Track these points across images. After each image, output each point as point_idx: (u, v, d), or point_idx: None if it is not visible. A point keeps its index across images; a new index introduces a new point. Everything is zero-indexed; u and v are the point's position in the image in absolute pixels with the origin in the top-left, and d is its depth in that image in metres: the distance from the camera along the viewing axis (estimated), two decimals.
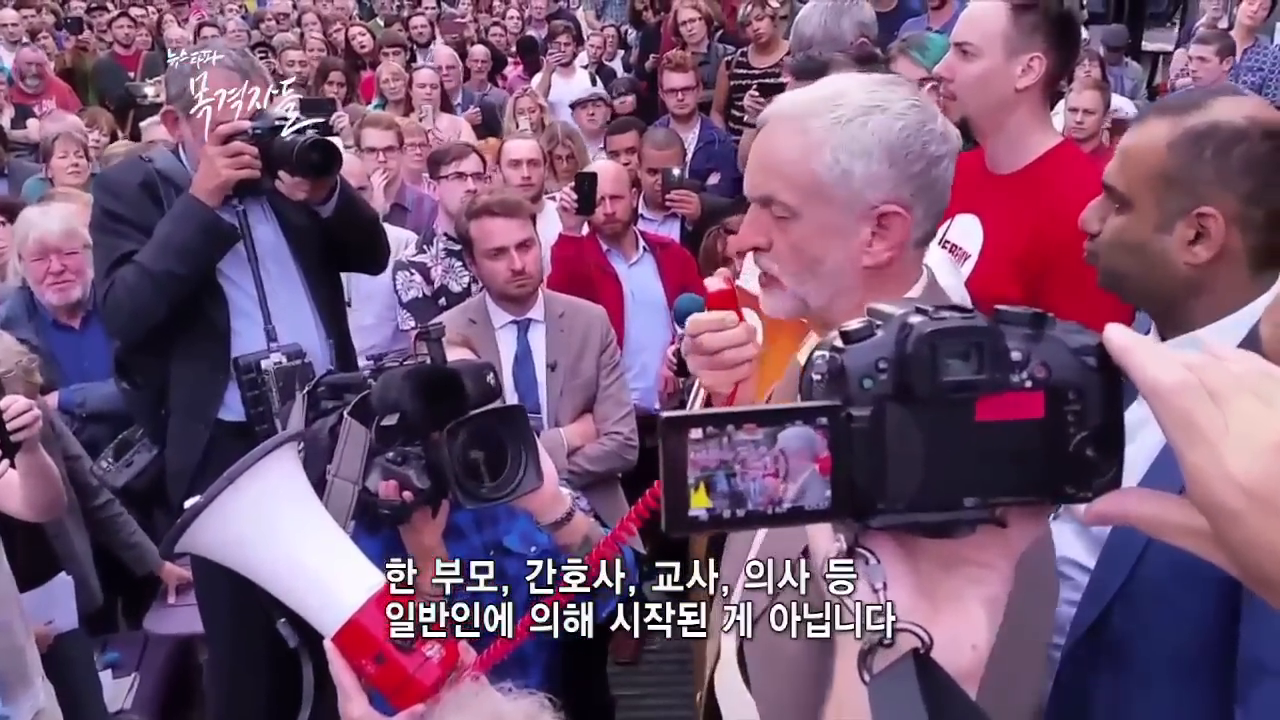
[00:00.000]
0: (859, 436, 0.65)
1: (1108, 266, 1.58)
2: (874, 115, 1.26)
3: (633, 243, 3.79)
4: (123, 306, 2.48)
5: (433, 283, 3.62)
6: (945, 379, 0.64)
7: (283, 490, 1.40)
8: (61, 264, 3.23)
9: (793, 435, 0.65)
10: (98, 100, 7.30)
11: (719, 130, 5.28)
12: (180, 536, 1.34)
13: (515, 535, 2.01)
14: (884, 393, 0.65)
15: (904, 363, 0.65)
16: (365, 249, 2.80)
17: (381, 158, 4.15)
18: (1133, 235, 1.52)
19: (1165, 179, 1.48)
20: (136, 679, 3.09)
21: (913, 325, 0.65)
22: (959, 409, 0.65)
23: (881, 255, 1.27)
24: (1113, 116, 4.93)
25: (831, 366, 0.66)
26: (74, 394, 3.19)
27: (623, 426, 3.09)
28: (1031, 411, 0.66)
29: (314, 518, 1.43)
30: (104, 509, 3.01)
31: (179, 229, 2.46)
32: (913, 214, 1.26)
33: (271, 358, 2.27)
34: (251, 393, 2.06)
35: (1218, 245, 1.46)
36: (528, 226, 3.03)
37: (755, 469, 0.65)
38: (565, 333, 3.07)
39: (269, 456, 1.38)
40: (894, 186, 1.26)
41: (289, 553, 1.38)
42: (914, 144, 1.25)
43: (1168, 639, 1.44)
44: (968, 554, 0.69)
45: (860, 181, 1.26)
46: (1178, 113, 1.51)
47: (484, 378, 1.74)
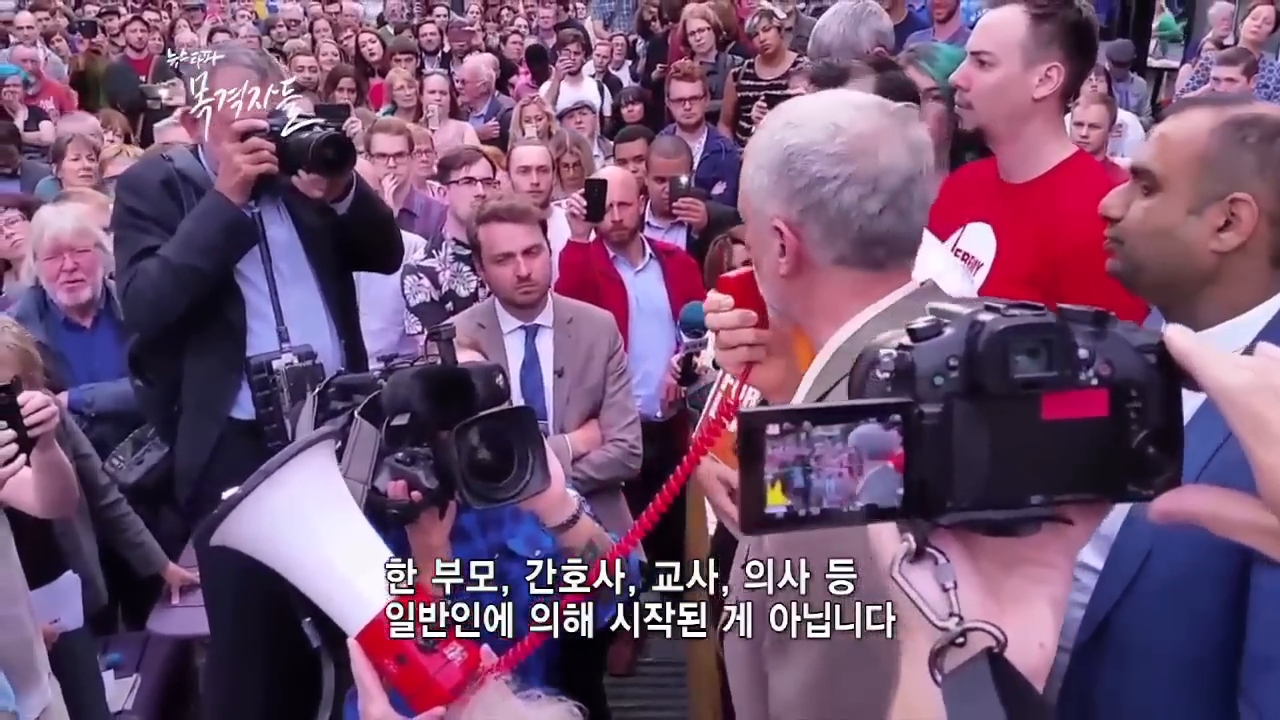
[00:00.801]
0: (930, 434, 0.65)
1: (1129, 252, 1.55)
2: (786, 131, 1.31)
3: (639, 250, 3.82)
4: (144, 298, 2.50)
5: (440, 287, 3.64)
6: (1016, 376, 0.65)
7: (316, 487, 1.42)
8: (74, 262, 3.24)
9: (866, 432, 0.65)
10: (109, 103, 7.34)
11: (725, 140, 5.32)
12: (217, 527, 1.36)
13: (520, 539, 2.02)
14: (954, 390, 0.65)
15: (975, 360, 0.65)
16: (380, 246, 2.82)
17: (392, 163, 4.18)
18: (1161, 217, 1.50)
19: (1204, 161, 1.47)
20: (137, 680, 3.11)
21: (984, 323, 0.66)
22: (1026, 406, 0.65)
23: (785, 268, 1.32)
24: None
25: (900, 364, 0.67)
26: (83, 393, 3.21)
27: (628, 434, 3.10)
28: (1096, 409, 0.66)
29: (345, 516, 1.45)
30: (111, 508, 3.02)
31: (202, 225, 2.49)
32: (804, 232, 1.30)
33: (283, 358, 2.29)
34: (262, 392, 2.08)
35: (1246, 234, 1.45)
36: (535, 233, 3.04)
37: (831, 466, 0.65)
38: (573, 339, 3.09)
39: (305, 453, 1.40)
40: (780, 204, 1.30)
41: (318, 549, 1.39)
42: (796, 162, 1.28)
43: (1175, 638, 1.44)
44: (1027, 553, 0.69)
45: (759, 195, 1.33)
46: (1220, 104, 1.51)
47: (493, 379, 1.76)
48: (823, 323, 1.35)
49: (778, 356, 1.45)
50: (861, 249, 1.30)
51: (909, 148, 1.31)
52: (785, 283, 1.34)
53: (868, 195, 1.28)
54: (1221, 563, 1.38)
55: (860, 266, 1.31)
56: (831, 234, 1.29)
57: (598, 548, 1.88)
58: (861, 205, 1.28)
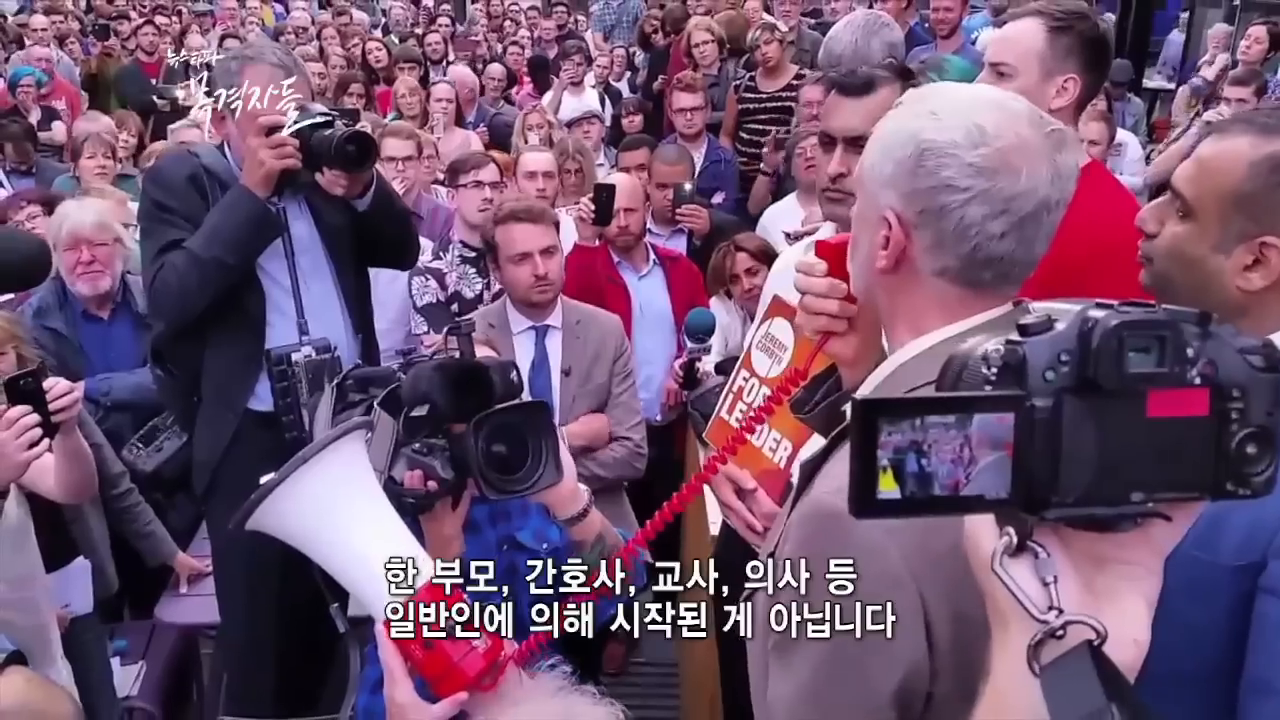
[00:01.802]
0: (1040, 428, 0.66)
1: (1160, 274, 1.52)
2: (924, 121, 1.20)
3: (643, 256, 3.88)
4: (170, 290, 2.56)
5: (447, 288, 3.71)
6: (1130, 371, 0.65)
7: (348, 476, 1.46)
8: (91, 254, 3.29)
9: (980, 422, 0.66)
10: (119, 105, 7.42)
11: (726, 150, 5.38)
12: (253, 512, 1.40)
13: (529, 531, 2.06)
14: (1065, 385, 0.66)
15: (1089, 355, 0.66)
16: (398, 242, 2.88)
17: (400, 167, 4.24)
18: (1190, 247, 1.47)
19: (1236, 200, 1.43)
20: (143, 667, 3.15)
21: (1097, 319, 0.66)
22: (1133, 403, 0.66)
23: (884, 262, 1.23)
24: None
25: (1011, 358, 0.67)
26: (100, 383, 3.26)
27: (634, 434, 3.15)
28: (1198, 408, 0.67)
29: (375, 504, 1.48)
30: (122, 498, 3.07)
31: (228, 218, 2.54)
32: (915, 234, 1.20)
33: (302, 350, 2.35)
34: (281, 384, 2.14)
35: (1273, 276, 1.42)
36: (552, 233, 3.10)
37: (944, 453, 0.66)
38: (581, 340, 3.15)
39: (339, 442, 1.45)
40: (899, 196, 1.21)
41: (348, 536, 1.43)
42: (929, 160, 1.18)
43: (1176, 655, 1.40)
44: (1118, 551, 0.69)
45: (877, 179, 1.23)
46: (1266, 133, 1.44)
47: (509, 374, 1.82)
48: (902, 326, 1.27)
49: (859, 332, 1.37)
50: (970, 268, 1.20)
51: (1055, 174, 1.19)
52: (877, 275, 1.25)
53: (995, 216, 1.17)
54: (1222, 588, 1.40)
55: (961, 284, 1.21)
56: (943, 245, 1.19)
57: (606, 541, 1.93)
58: (985, 224, 1.17)
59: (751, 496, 1.98)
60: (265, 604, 2.65)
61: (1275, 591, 1.36)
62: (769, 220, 4.25)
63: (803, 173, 4.13)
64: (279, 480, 1.41)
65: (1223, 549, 1.38)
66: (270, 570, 2.53)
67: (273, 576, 2.56)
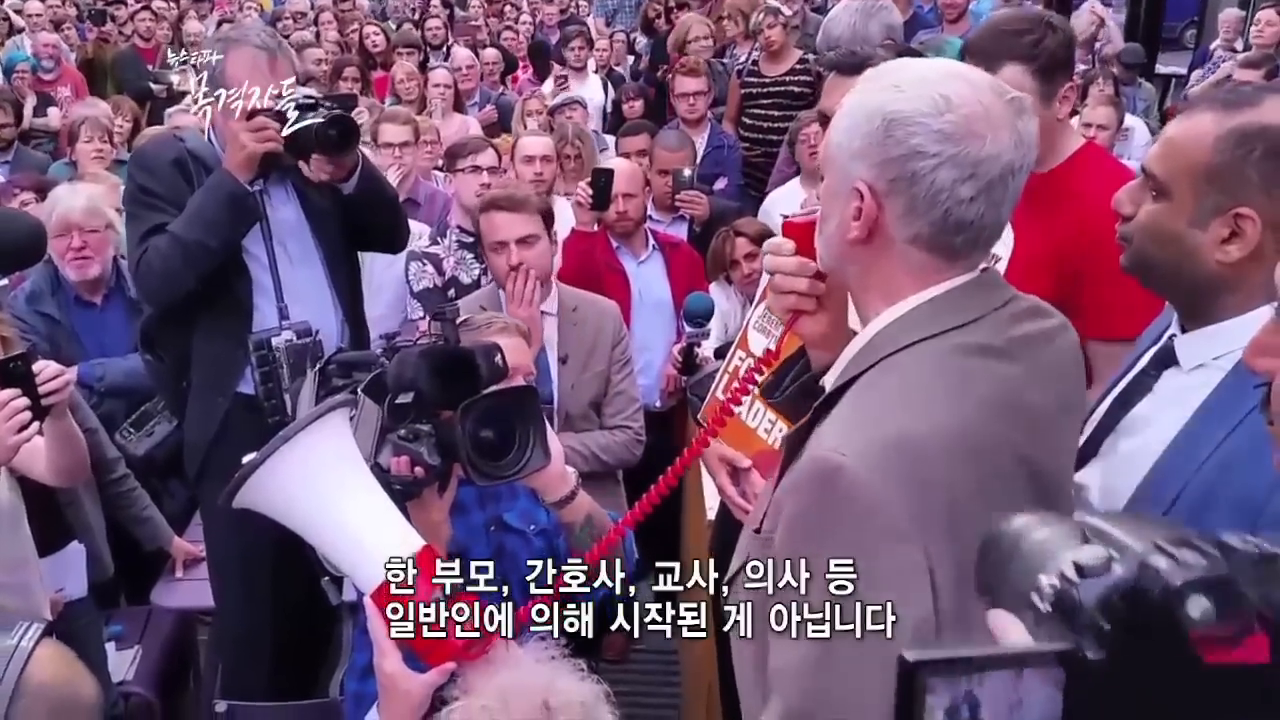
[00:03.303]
0: (1091, 677, 0.65)
1: (1138, 252, 1.55)
2: (890, 94, 1.24)
3: (643, 241, 3.85)
4: (154, 271, 2.55)
5: (444, 274, 3.68)
6: (1187, 626, 0.64)
7: (333, 452, 1.47)
8: (82, 240, 3.28)
9: (1031, 676, 0.65)
10: (115, 91, 7.39)
11: (728, 136, 5.34)
12: (240, 489, 1.41)
13: (516, 512, 2.07)
14: (1119, 633, 0.65)
15: (1144, 606, 0.65)
16: (386, 226, 2.86)
17: (398, 152, 4.22)
18: (1166, 226, 1.49)
19: (1207, 174, 1.45)
20: (139, 652, 3.14)
21: (1158, 570, 0.65)
22: (1190, 653, 0.65)
23: (856, 233, 1.26)
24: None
25: (1065, 598, 0.66)
26: (93, 368, 3.25)
27: (633, 421, 3.12)
28: (1258, 655, 0.66)
29: (360, 480, 1.49)
30: (119, 483, 3.06)
31: (209, 201, 2.54)
32: (887, 203, 1.24)
33: (282, 335, 2.33)
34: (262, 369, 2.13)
35: (1251, 247, 1.44)
36: (534, 222, 3.05)
37: (996, 706, 0.65)
38: (578, 326, 3.12)
39: (323, 419, 1.46)
40: (869, 168, 1.24)
41: (334, 511, 1.45)
42: (897, 130, 1.21)
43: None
44: None
45: (846, 153, 1.27)
46: (1228, 108, 1.47)
47: (493, 358, 1.81)
48: (875, 296, 1.30)
49: (828, 311, 1.40)
50: (941, 233, 1.24)
51: (1017, 139, 1.23)
52: (850, 247, 1.28)
53: (964, 180, 1.21)
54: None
55: (932, 250, 1.26)
56: (915, 211, 1.23)
57: (595, 523, 1.93)
58: (955, 189, 1.21)
59: (746, 477, 2.00)
60: (259, 587, 2.64)
61: None
62: (771, 204, 4.24)
63: (806, 158, 4.11)
64: (264, 457, 1.42)
65: (1214, 521, 1.38)
66: (264, 553, 2.53)
67: (266, 559, 2.56)
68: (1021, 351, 1.29)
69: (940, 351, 1.25)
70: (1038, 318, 1.36)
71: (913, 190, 1.23)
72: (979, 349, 1.26)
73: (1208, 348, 1.51)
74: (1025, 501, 1.24)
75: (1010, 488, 1.24)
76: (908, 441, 1.18)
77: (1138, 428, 1.57)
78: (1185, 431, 1.49)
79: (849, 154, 1.26)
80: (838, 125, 1.29)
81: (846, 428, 1.22)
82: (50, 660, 1.44)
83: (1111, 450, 1.60)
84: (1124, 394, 1.64)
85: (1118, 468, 1.57)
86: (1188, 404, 1.50)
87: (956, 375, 1.24)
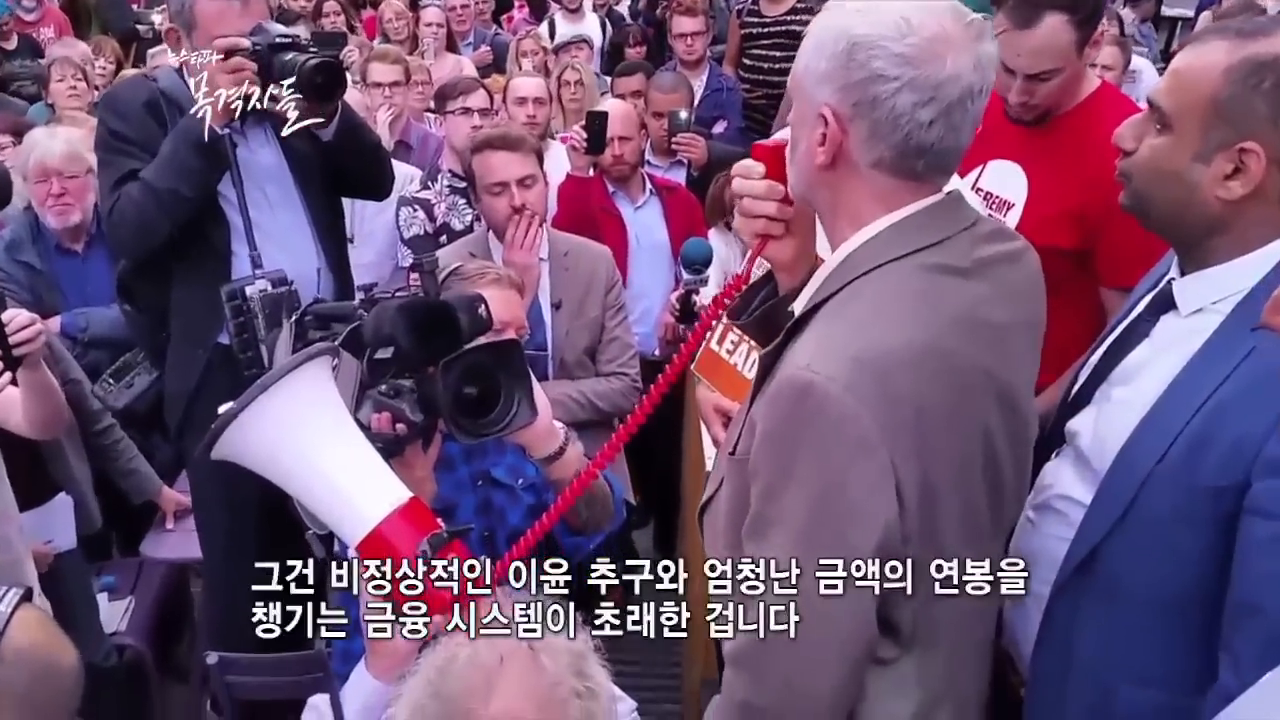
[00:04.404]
0: None
1: (1138, 190, 1.53)
2: (853, 18, 1.26)
3: (639, 186, 3.76)
4: (128, 221, 2.48)
5: (435, 220, 3.61)
6: None
7: (314, 401, 1.44)
8: (62, 187, 3.21)
9: None
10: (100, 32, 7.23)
11: (728, 78, 5.22)
12: (217, 440, 1.38)
13: (503, 467, 2.03)
14: None
15: None
16: (368, 174, 2.77)
17: (388, 92, 4.12)
18: (1169, 160, 1.47)
19: (1215, 106, 1.42)
20: (132, 603, 3.13)
21: None
22: None
23: (822, 158, 1.29)
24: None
25: None
26: (76, 318, 3.20)
27: (629, 368, 3.08)
28: None
29: (344, 430, 1.47)
30: (104, 435, 3.02)
31: (182, 146, 2.45)
32: (851, 127, 1.26)
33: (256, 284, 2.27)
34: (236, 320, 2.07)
35: (1254, 183, 1.42)
36: (531, 162, 2.98)
37: None
38: (570, 272, 3.05)
39: (303, 367, 1.42)
40: (833, 92, 1.27)
41: (317, 462, 1.42)
42: (859, 53, 1.24)
43: (1160, 577, 1.45)
44: None
45: (812, 78, 1.29)
46: (1241, 37, 1.43)
47: (476, 310, 1.74)
48: (843, 221, 1.33)
49: (795, 235, 1.43)
50: (902, 157, 1.27)
51: (976, 61, 1.26)
52: (816, 172, 1.32)
53: (924, 103, 1.24)
54: (1208, 507, 1.40)
55: (895, 174, 1.29)
56: (877, 135, 1.26)
57: None
58: (915, 112, 1.24)
59: None
60: (246, 538, 2.60)
61: (1260, 511, 1.35)
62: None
63: None
64: (242, 406, 1.39)
65: (1207, 470, 1.38)
66: (250, 504, 2.49)
67: (252, 510, 2.52)
68: (986, 271, 1.33)
69: (908, 271, 1.29)
70: (1002, 240, 1.40)
71: (874, 115, 1.25)
72: (945, 268, 1.30)
73: (1207, 291, 1.49)
74: (991, 416, 1.34)
75: (977, 402, 1.31)
76: (877, 357, 1.23)
77: (1133, 374, 1.55)
78: (1181, 377, 1.46)
79: (815, 78, 1.29)
80: (805, 49, 1.32)
81: (817, 347, 1.26)
82: (29, 625, 1.41)
83: (1105, 397, 1.58)
84: (1119, 340, 1.61)
85: (1111, 415, 1.55)
86: (1185, 349, 1.48)
87: (924, 293, 1.28)
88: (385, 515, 1.41)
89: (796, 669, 1.24)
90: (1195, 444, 1.40)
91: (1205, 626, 1.41)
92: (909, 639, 1.31)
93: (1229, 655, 1.36)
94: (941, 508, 1.28)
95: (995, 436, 1.34)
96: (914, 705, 1.33)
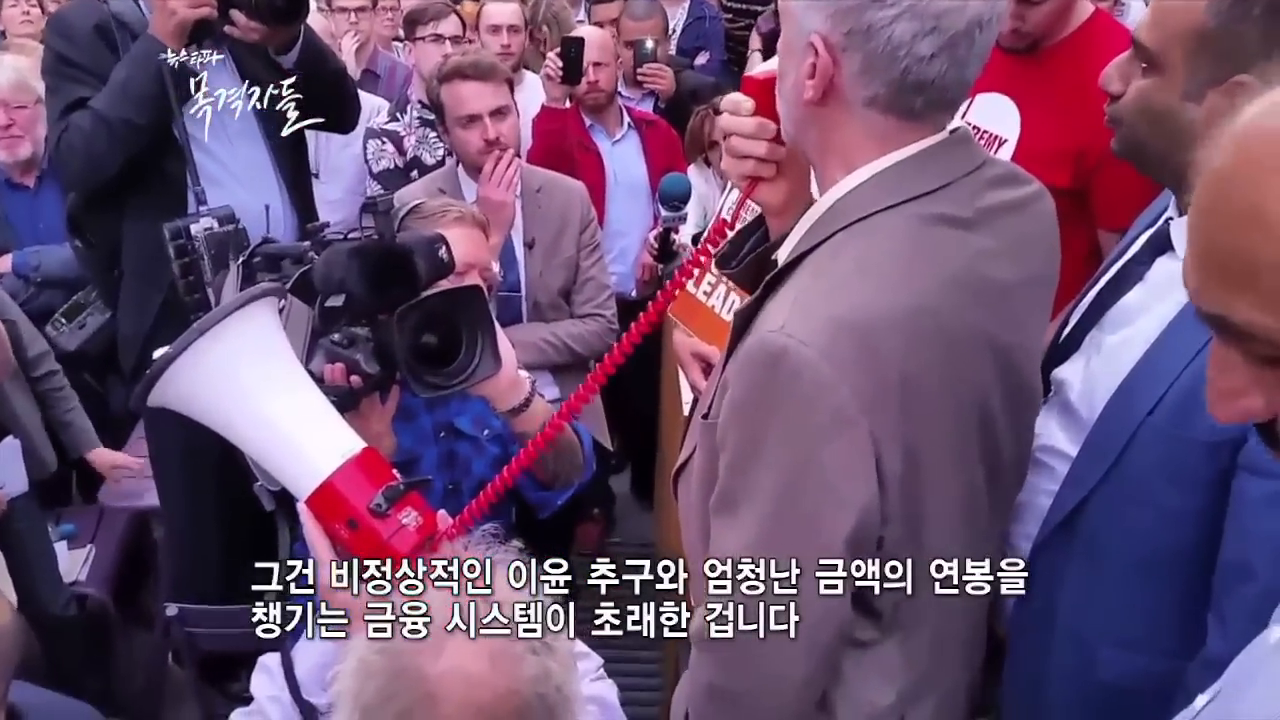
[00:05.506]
0: None
1: (1128, 134, 1.44)
2: None
3: (617, 119, 3.64)
4: (77, 153, 2.38)
5: (405, 153, 3.48)
6: None
7: (259, 345, 1.35)
8: (9, 118, 3.11)
9: None
10: None
11: (710, 7, 5.07)
12: (151, 388, 1.30)
13: (468, 417, 1.94)
14: None
15: None
16: (332, 103, 2.65)
17: (353, 18, 3.96)
18: (1158, 101, 1.38)
19: (1201, 39, 1.33)
20: (92, 551, 3.05)
21: None
22: None
23: (811, 93, 1.17)
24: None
25: None
26: (28, 257, 3.10)
27: (605, 309, 2.99)
28: None
29: (291, 377, 1.38)
30: (41, 380, 2.90)
31: (135, 73, 2.33)
32: (843, 59, 1.14)
33: (201, 222, 2.17)
34: (181, 260, 1.97)
35: None
36: (503, 92, 2.84)
37: None
38: (543, 209, 2.94)
39: (246, 308, 1.33)
40: (824, 19, 1.14)
41: (263, 411, 1.34)
42: None
43: (1145, 536, 1.40)
44: None
45: (804, 2, 1.17)
46: None
47: (436, 252, 1.63)
48: (834, 163, 1.21)
49: (788, 177, 1.31)
50: (899, 94, 1.15)
51: None
52: (805, 108, 1.19)
53: (924, 34, 1.11)
54: (1200, 462, 1.34)
55: (891, 113, 1.17)
56: (872, 69, 1.14)
57: None
58: (914, 44, 1.11)
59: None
60: (204, 487, 2.54)
61: (1255, 468, 1.29)
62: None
63: None
64: (179, 350, 1.30)
65: (1200, 424, 1.30)
66: (208, 451, 2.39)
67: (210, 458, 2.43)
68: (991, 221, 1.22)
69: (900, 222, 1.17)
70: (1012, 184, 1.28)
71: (869, 46, 1.13)
72: (944, 219, 1.19)
73: None
74: (990, 385, 1.23)
75: (974, 370, 1.21)
76: (859, 319, 1.12)
77: (1125, 319, 1.48)
78: (1176, 322, 1.39)
79: (804, 2, 1.16)
80: None
81: (796, 305, 1.15)
82: None
83: (1095, 344, 1.51)
84: (1112, 284, 1.54)
85: (1101, 363, 1.48)
86: (1182, 294, 1.37)
87: (917, 248, 1.17)
88: (337, 467, 1.33)
89: (764, 652, 1.16)
90: (1189, 394, 1.33)
91: (1191, 589, 1.36)
92: (889, 622, 1.23)
93: (1218, 618, 1.32)
94: (929, 486, 1.18)
95: (994, 408, 1.24)
96: (895, 691, 1.26)
